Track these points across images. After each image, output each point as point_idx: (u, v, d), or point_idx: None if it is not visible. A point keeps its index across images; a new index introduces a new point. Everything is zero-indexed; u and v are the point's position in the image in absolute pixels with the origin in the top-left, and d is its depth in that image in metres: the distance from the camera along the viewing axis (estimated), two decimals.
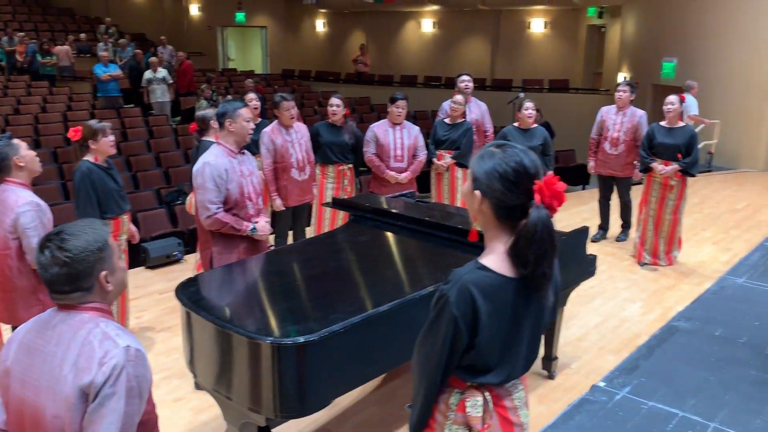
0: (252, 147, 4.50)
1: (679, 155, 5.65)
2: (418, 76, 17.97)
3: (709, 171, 10.32)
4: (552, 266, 1.63)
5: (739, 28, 10.41)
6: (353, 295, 3.03)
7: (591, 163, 6.63)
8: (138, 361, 1.67)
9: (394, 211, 3.75)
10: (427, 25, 18.37)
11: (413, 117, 14.78)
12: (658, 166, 5.72)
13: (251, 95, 6.21)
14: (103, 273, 1.70)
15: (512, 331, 1.68)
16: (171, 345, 4.47)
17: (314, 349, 2.46)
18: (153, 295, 5.46)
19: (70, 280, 1.67)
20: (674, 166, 5.65)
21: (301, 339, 2.45)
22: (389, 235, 3.71)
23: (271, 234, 4.23)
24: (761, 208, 8.20)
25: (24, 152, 3.42)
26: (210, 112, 4.83)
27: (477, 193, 1.63)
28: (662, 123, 5.83)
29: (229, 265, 3.41)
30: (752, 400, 3.23)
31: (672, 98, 5.73)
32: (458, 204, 6.04)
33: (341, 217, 5.67)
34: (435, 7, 17.03)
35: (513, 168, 1.59)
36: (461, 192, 5.93)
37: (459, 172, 6.22)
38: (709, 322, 4.03)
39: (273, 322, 2.70)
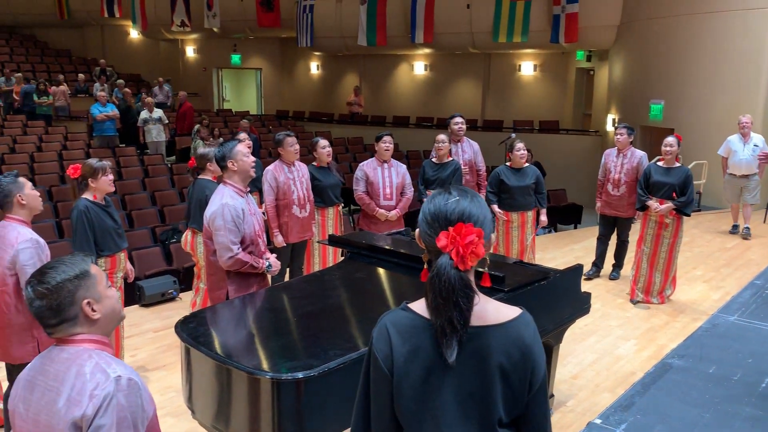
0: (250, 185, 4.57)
1: (674, 194, 5.77)
2: (411, 117, 18.22)
3: (698, 210, 10.45)
4: (457, 321, 1.45)
5: (724, 76, 10.71)
6: (351, 332, 3.05)
7: (598, 204, 6.79)
8: (131, 391, 1.65)
9: (390, 248, 3.80)
10: (419, 68, 18.71)
11: (405, 157, 14.98)
12: (653, 203, 5.84)
13: (243, 134, 6.34)
14: (86, 301, 1.70)
15: (429, 386, 1.49)
16: (166, 384, 4.45)
17: (313, 386, 2.48)
18: (147, 334, 5.44)
19: (53, 312, 1.68)
20: (669, 205, 5.77)
21: (300, 375, 2.46)
22: (385, 271, 3.75)
23: None
24: (751, 246, 8.29)
25: (28, 191, 3.47)
26: (211, 151, 4.90)
27: (416, 231, 1.58)
28: (659, 163, 5.98)
29: (230, 301, 3.43)
30: None
31: (670, 140, 5.88)
32: None
33: (331, 256, 5.76)
34: (427, 50, 17.37)
35: (431, 210, 1.52)
36: None
37: None
38: (702, 360, 4.06)
39: (273, 358, 2.72)
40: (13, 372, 3.53)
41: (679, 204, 5.75)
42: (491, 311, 1.52)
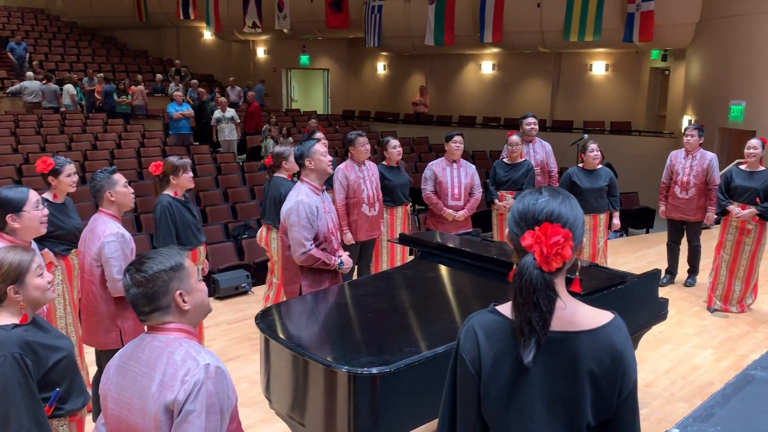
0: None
1: (758, 199, 5.53)
2: (477, 117, 18.08)
3: None
4: (536, 322, 1.42)
5: None
6: (424, 330, 3.07)
7: (662, 207, 6.55)
8: (218, 379, 1.73)
9: (464, 248, 3.80)
10: (486, 67, 18.54)
11: (471, 157, 14.88)
12: (734, 209, 5.61)
13: (320, 134, 6.45)
14: (178, 292, 1.79)
15: (517, 389, 1.47)
16: (239, 374, 4.58)
17: (389, 381, 2.51)
18: (222, 326, 5.61)
19: (147, 300, 1.77)
20: (751, 210, 5.53)
21: (375, 370, 2.50)
22: (456, 271, 3.75)
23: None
24: None
25: (119, 188, 3.62)
26: (287, 150, 5.02)
27: (506, 230, 1.57)
28: (742, 166, 5.75)
29: (304, 296, 3.52)
30: None
31: (754, 142, 5.64)
32: None
33: (399, 255, 5.80)
34: (495, 50, 17.19)
35: (519, 209, 1.51)
36: None
37: None
38: None
39: (349, 352, 2.77)
40: (101, 357, 3.71)
41: (762, 209, 5.50)
42: (581, 316, 1.50)
